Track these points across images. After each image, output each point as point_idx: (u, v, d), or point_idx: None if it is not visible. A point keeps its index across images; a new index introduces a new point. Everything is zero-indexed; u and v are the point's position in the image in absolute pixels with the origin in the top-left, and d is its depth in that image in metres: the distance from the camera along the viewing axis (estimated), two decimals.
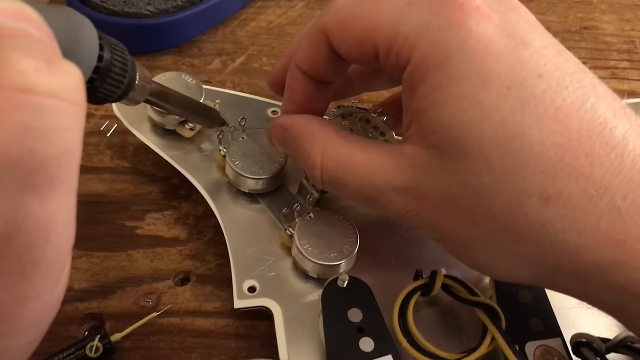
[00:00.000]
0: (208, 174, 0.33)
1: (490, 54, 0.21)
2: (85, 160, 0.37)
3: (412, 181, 0.23)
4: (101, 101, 0.23)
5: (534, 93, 0.21)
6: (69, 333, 0.29)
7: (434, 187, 0.23)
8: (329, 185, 0.26)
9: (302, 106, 0.28)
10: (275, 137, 0.29)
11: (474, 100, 0.21)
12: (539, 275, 0.23)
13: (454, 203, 0.22)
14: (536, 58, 0.21)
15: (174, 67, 0.43)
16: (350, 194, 0.25)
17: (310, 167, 0.26)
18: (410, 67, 0.23)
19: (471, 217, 0.22)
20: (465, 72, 0.21)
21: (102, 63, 0.21)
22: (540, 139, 0.21)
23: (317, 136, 0.26)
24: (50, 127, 0.14)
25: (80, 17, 0.20)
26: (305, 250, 0.29)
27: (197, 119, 0.32)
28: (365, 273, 0.29)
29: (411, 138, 0.23)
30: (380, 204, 0.24)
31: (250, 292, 0.29)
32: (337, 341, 0.26)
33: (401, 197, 0.24)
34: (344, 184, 0.25)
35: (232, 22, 0.47)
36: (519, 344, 0.27)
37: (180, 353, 0.30)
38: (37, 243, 0.15)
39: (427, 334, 0.28)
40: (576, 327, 0.29)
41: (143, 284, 0.32)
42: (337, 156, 0.25)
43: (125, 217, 0.34)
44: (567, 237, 0.21)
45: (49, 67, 0.14)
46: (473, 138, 0.21)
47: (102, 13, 0.42)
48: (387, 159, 0.24)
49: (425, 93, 0.22)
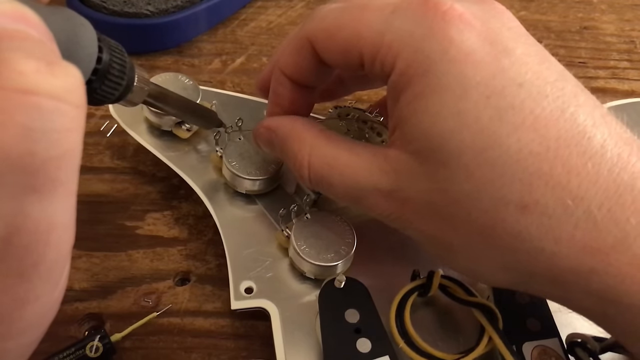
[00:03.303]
0: (205, 175, 0.34)
1: (470, 62, 0.21)
2: (85, 160, 0.37)
3: (394, 184, 0.24)
4: (99, 103, 0.23)
5: (513, 102, 0.21)
6: (69, 333, 0.30)
7: (415, 192, 0.23)
8: (317, 185, 0.26)
9: (286, 109, 0.28)
10: (261, 139, 0.29)
11: (453, 109, 0.21)
12: (517, 280, 0.23)
13: (434, 208, 0.23)
14: (517, 67, 0.22)
15: (174, 67, 0.43)
16: (337, 194, 0.26)
17: (298, 166, 0.26)
18: (394, 75, 0.23)
19: (450, 222, 0.23)
20: (446, 81, 0.22)
21: (101, 65, 0.21)
22: (518, 148, 0.21)
23: (304, 136, 0.26)
24: (51, 128, 0.14)
25: (79, 18, 0.20)
26: (302, 251, 0.29)
27: (195, 121, 0.32)
28: (362, 274, 0.29)
29: (395, 143, 0.24)
30: (366, 205, 0.25)
31: (247, 293, 0.29)
32: (334, 342, 0.27)
33: (385, 199, 0.24)
34: (331, 184, 0.25)
35: (232, 22, 0.47)
36: (516, 345, 0.27)
37: (180, 353, 0.30)
38: (37, 245, 0.15)
39: (424, 335, 0.28)
40: (573, 327, 0.29)
41: (143, 284, 0.32)
42: (324, 156, 0.26)
43: (125, 217, 0.35)
44: (543, 245, 0.21)
45: (49, 68, 0.14)
46: (452, 146, 0.22)
47: (102, 13, 0.42)
48: (372, 162, 0.24)
49: (408, 101, 0.23)
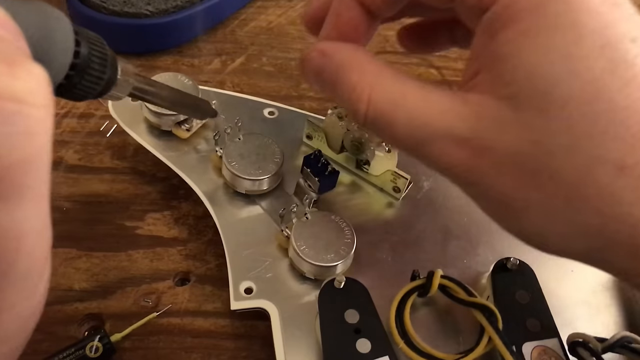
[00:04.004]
0: (205, 175, 0.34)
1: (585, 9, 0.20)
2: (85, 160, 0.37)
3: (474, 132, 0.21)
4: (81, 98, 0.22)
5: (625, 57, 0.20)
6: (69, 333, 0.30)
7: (500, 142, 0.21)
8: (372, 123, 0.23)
9: (344, 35, 0.25)
10: (310, 66, 0.25)
11: (565, 53, 0.20)
12: (591, 248, 0.22)
13: (520, 161, 0.21)
14: (630, 22, 0.20)
15: (174, 67, 0.43)
16: (396, 136, 0.23)
17: (355, 100, 0.23)
18: (496, 6, 0.21)
19: (535, 179, 0.21)
20: (559, 23, 0.20)
21: (79, 59, 0.20)
22: (625, 104, 0.20)
23: (367, 67, 0.23)
24: (13, 132, 0.13)
25: (53, 11, 0.19)
26: (302, 251, 0.29)
27: (188, 112, 0.31)
28: (362, 274, 0.29)
29: (478, 87, 0.21)
30: (430, 152, 0.22)
31: (247, 294, 0.29)
32: (334, 342, 0.27)
33: (457, 147, 0.21)
34: (392, 123, 0.22)
35: (232, 22, 0.47)
36: (516, 345, 0.27)
37: (180, 353, 0.30)
38: (5, 254, 0.15)
39: (424, 335, 0.28)
40: (573, 327, 0.29)
41: (143, 284, 0.32)
42: (389, 91, 0.23)
43: (125, 217, 0.35)
44: (633, 211, 0.20)
45: (10, 69, 0.14)
46: (558, 93, 0.20)
47: (102, 13, 0.42)
48: (447, 104, 0.22)
49: (510, 39, 0.20)
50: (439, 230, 0.33)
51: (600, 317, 0.31)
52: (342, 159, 0.35)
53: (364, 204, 0.34)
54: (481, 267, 0.32)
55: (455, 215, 0.33)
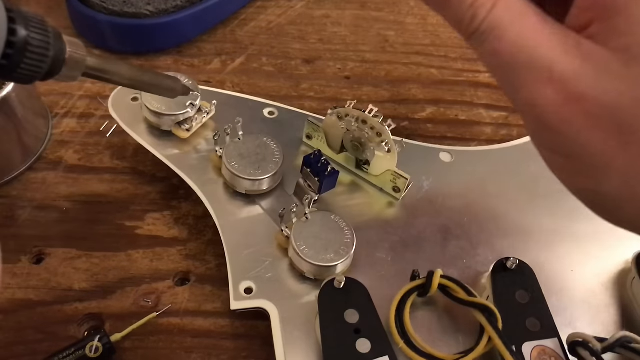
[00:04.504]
0: (204, 175, 0.34)
1: None
2: (85, 160, 0.37)
3: (576, 74, 0.20)
4: (29, 79, 0.21)
5: None
6: (69, 333, 0.30)
7: (601, 92, 0.20)
8: (484, 32, 0.22)
9: None
10: None
11: None
12: None
13: (616, 115, 0.20)
14: None
15: (174, 67, 0.43)
16: (500, 51, 0.22)
17: (477, 4, 0.22)
18: None
19: (627, 136, 0.20)
20: None
21: (16, 37, 0.20)
22: None
23: None
24: None
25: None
26: (302, 251, 0.29)
27: (154, 90, 0.29)
28: (362, 274, 0.29)
29: (592, 37, 0.21)
30: (525, 81, 0.21)
31: (247, 294, 0.29)
32: (333, 342, 0.27)
33: (553, 86, 0.21)
34: (502, 38, 0.22)
35: (231, 22, 0.47)
36: (515, 345, 0.27)
37: (180, 353, 0.30)
38: None
39: (423, 335, 0.28)
40: (573, 327, 0.29)
41: (143, 284, 0.32)
42: (512, 6, 0.22)
43: (125, 217, 0.35)
44: None
45: None
46: None
47: (102, 13, 0.42)
48: (560, 39, 0.21)
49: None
50: (439, 230, 0.33)
51: (600, 317, 0.31)
52: (342, 159, 0.35)
53: (364, 204, 0.34)
54: (481, 267, 0.32)
55: (455, 215, 0.34)
